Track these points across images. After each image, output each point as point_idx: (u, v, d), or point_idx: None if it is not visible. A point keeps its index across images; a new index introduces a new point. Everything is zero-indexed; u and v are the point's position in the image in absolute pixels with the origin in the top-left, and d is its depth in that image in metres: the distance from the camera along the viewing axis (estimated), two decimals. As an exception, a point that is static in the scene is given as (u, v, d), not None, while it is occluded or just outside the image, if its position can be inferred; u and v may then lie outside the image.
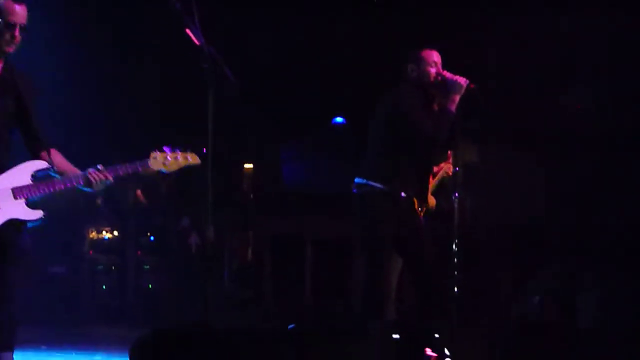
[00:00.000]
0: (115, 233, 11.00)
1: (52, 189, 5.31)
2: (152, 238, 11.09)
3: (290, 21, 10.24)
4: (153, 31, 9.70)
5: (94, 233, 10.94)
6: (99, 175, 5.34)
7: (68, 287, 10.52)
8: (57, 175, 5.39)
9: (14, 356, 5.41)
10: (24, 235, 5.31)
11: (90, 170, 5.37)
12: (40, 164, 5.31)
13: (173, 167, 5.39)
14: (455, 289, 6.72)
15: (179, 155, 5.39)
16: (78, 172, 5.41)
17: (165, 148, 5.40)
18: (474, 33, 10.04)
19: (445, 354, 6.29)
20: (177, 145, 5.45)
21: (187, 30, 5.32)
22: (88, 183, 5.34)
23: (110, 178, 5.36)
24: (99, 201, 10.92)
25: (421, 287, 6.39)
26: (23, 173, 5.25)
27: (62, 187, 5.32)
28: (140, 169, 5.39)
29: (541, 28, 9.83)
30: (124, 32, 10.29)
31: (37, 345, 7.46)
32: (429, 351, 6.23)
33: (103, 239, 10.96)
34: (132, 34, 10.29)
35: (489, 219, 10.04)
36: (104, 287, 10.81)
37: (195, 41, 5.35)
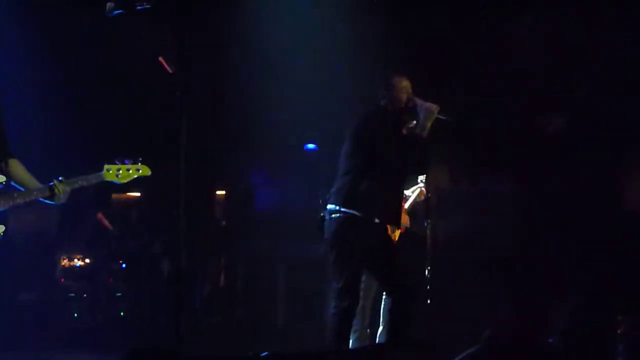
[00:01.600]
0: (87, 260, 10.95)
1: (11, 204, 5.25)
2: (123, 265, 11.05)
3: (264, 47, 10.28)
4: (128, 58, 9.72)
5: (65, 260, 10.89)
6: (63, 187, 5.32)
7: (39, 314, 10.44)
8: (19, 187, 5.33)
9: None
10: None
11: (55, 182, 5.33)
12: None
13: (125, 179, 5.47)
14: (428, 314, 6.75)
15: (130, 168, 5.45)
16: (39, 184, 5.37)
17: (116, 160, 5.45)
18: (447, 56, 10.13)
19: None
20: (128, 156, 5.51)
21: (160, 59, 5.35)
22: (52, 195, 5.31)
23: (69, 190, 5.36)
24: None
25: (397, 309, 6.41)
26: None
27: (22, 201, 5.27)
28: (94, 181, 5.42)
29: (518, 51, 9.93)
30: (100, 56, 10.31)
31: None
32: None
33: (75, 266, 10.91)
34: (108, 59, 10.30)
35: (461, 242, 10.09)
36: (75, 314, 10.74)
37: (168, 69, 5.38)
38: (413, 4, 9.94)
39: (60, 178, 5.37)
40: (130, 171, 5.47)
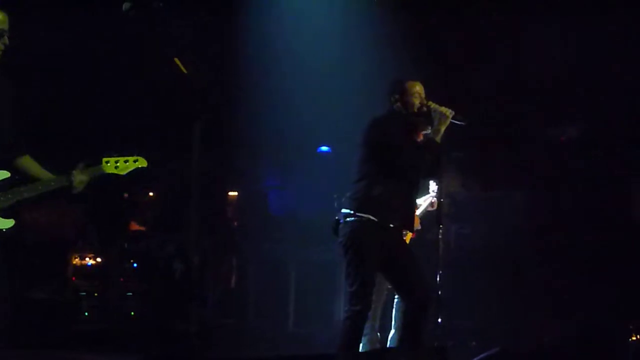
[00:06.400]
0: (99, 259, 10.96)
1: (20, 197, 5.27)
2: (135, 265, 11.05)
3: (278, 49, 10.31)
4: (143, 58, 9.75)
5: (77, 259, 10.90)
6: (82, 175, 5.35)
7: (50, 313, 10.45)
8: (30, 182, 5.34)
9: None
10: None
11: (74, 172, 5.35)
12: (3, 174, 5.26)
13: (124, 170, 5.54)
14: (439, 320, 6.75)
15: (128, 159, 5.51)
16: (51, 176, 5.38)
17: (113, 153, 5.51)
18: (465, 62, 10.15)
19: None
20: (123, 149, 5.58)
21: (175, 59, 5.36)
22: (70, 184, 5.33)
23: (87, 179, 5.39)
24: None
25: (410, 314, 6.41)
26: None
27: (32, 195, 5.30)
28: (96, 173, 5.47)
29: (530, 62, 9.94)
30: (114, 55, 10.35)
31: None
32: None
33: (86, 265, 10.92)
34: (122, 59, 10.34)
35: (472, 248, 10.10)
36: (86, 313, 10.75)
37: (183, 70, 5.40)
38: (429, 8, 9.95)
39: (80, 166, 5.38)
40: (128, 163, 5.54)
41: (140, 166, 5.60)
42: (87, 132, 10.53)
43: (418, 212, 7.32)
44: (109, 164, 5.51)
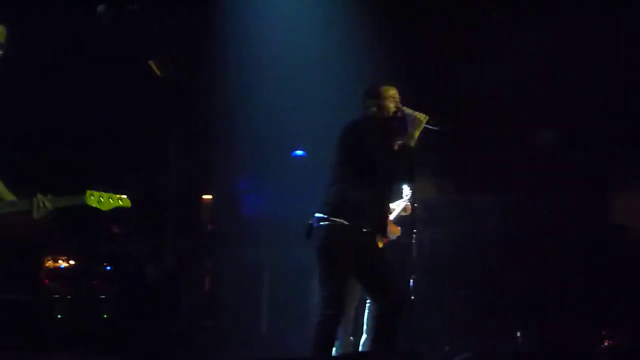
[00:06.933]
0: (72, 262, 10.91)
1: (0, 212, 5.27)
2: (108, 267, 11.01)
3: (253, 52, 10.29)
4: (117, 62, 9.70)
5: (50, 262, 10.84)
6: (45, 202, 5.33)
7: (23, 315, 10.39)
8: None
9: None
10: None
11: (39, 195, 5.34)
12: None
13: (106, 207, 5.53)
14: (413, 324, 6.75)
15: (112, 197, 5.52)
16: (14, 198, 5.39)
17: (98, 189, 5.51)
18: (438, 66, 10.17)
19: None
20: (109, 187, 5.57)
21: (150, 62, 5.35)
22: (30, 209, 5.33)
23: (51, 207, 5.37)
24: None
25: (383, 318, 6.41)
26: None
27: (6, 212, 5.31)
28: (77, 203, 5.47)
29: (507, 67, 9.98)
30: (89, 59, 10.29)
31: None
32: None
33: (59, 267, 10.86)
34: (96, 63, 10.28)
35: (447, 252, 10.11)
36: (59, 315, 10.70)
37: (157, 72, 5.38)
38: (406, 14, 9.97)
39: (48, 196, 5.37)
40: (112, 200, 5.54)
41: (123, 205, 5.61)
42: (64, 136, 10.48)
43: (391, 217, 7.32)
44: (92, 197, 5.52)
